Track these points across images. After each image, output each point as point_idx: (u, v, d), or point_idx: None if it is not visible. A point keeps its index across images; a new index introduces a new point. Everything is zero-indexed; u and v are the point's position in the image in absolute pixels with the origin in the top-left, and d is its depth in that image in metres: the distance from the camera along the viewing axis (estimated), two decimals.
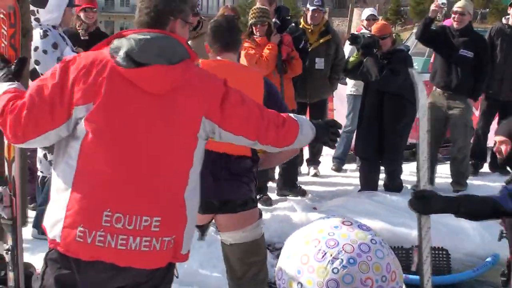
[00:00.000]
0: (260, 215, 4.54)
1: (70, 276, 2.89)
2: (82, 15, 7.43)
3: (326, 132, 3.58)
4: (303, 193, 7.87)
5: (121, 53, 2.85)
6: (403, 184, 8.07)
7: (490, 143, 9.35)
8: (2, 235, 4.00)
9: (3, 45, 3.42)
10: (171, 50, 2.96)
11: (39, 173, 6.05)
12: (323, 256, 4.33)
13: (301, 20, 8.35)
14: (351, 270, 4.70)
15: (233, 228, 4.39)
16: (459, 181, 8.17)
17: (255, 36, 7.32)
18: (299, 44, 7.54)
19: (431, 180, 8.02)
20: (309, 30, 8.04)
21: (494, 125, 9.20)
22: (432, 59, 10.80)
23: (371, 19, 9.11)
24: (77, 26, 7.41)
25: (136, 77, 2.86)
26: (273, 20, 7.54)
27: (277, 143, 3.30)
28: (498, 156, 4.40)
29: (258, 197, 7.12)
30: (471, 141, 8.79)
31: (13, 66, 3.36)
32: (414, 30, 25.56)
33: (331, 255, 4.64)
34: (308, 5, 8.19)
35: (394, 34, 8.58)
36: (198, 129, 3.02)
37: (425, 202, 3.83)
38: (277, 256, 5.44)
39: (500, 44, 8.69)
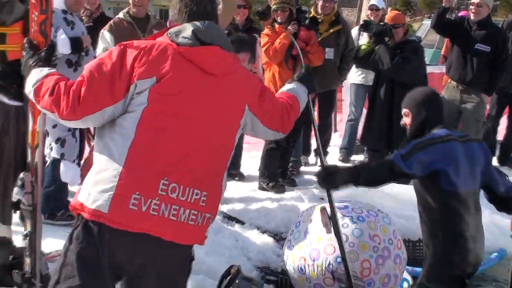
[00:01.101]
0: None
1: (93, 251, 2.87)
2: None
3: (311, 82, 3.97)
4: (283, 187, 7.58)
5: (186, 34, 2.97)
6: None
7: (499, 136, 9.25)
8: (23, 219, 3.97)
9: (33, 30, 3.43)
10: (226, 39, 3.17)
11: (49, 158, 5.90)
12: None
13: (312, 10, 8.22)
14: (360, 225, 4.82)
15: None
16: None
17: (275, 23, 7.33)
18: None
19: None
20: (319, 20, 7.88)
21: (504, 120, 9.11)
22: (442, 51, 10.68)
23: (374, 8, 8.93)
24: (81, 12, 7.30)
25: (199, 55, 2.97)
26: None
27: (292, 125, 3.54)
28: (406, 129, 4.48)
29: (270, 184, 7.11)
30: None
31: (43, 53, 3.34)
32: (424, 22, 25.49)
33: (341, 214, 4.75)
34: None
35: (406, 25, 8.35)
36: (242, 115, 3.18)
37: (329, 178, 4.10)
38: (283, 246, 5.40)
39: None
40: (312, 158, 9.00)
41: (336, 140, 9.59)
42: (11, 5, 4.31)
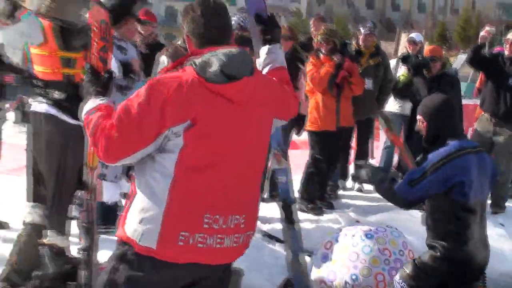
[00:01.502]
0: None
1: (142, 277, 2.93)
2: (138, 26, 7.35)
3: (277, 31, 3.95)
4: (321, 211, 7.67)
5: (213, 69, 2.86)
6: None
7: None
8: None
9: (93, 55, 3.44)
10: (250, 62, 3.06)
11: None
12: (344, 237, 4.70)
13: (353, 42, 8.42)
14: (369, 242, 4.99)
15: None
16: (498, 203, 8.12)
17: (320, 53, 7.54)
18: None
19: None
20: (361, 52, 8.11)
21: None
22: (477, 84, 10.74)
23: (412, 42, 9.05)
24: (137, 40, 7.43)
25: (228, 90, 2.90)
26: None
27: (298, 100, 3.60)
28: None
29: (309, 206, 7.26)
30: None
31: (102, 79, 3.34)
32: (459, 55, 25.52)
33: (352, 235, 4.97)
34: (361, 28, 8.31)
35: (444, 58, 8.59)
36: (271, 129, 3.22)
37: (375, 173, 4.46)
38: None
39: None
40: (349, 183, 9.09)
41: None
42: (85, 33, 4.39)
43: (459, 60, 22.20)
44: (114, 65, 5.64)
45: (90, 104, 3.11)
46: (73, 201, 4.13)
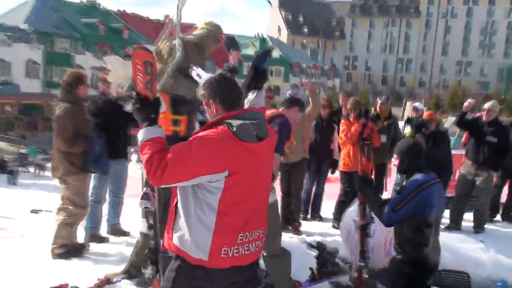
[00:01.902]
0: (274, 189, 4.75)
1: (202, 283, 2.91)
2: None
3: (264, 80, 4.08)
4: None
5: (249, 133, 2.83)
6: None
7: (502, 199, 9.06)
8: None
9: (139, 87, 3.15)
10: (266, 123, 3.04)
11: None
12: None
13: (372, 108, 8.36)
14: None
15: None
16: (479, 226, 7.85)
17: (350, 117, 7.53)
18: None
19: (458, 223, 7.83)
20: (378, 116, 8.10)
21: (505, 189, 8.92)
22: (463, 139, 10.54)
23: (415, 109, 9.17)
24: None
25: (257, 147, 2.89)
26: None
27: None
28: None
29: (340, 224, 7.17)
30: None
31: (150, 109, 2.96)
32: (449, 118, 25.08)
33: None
34: (378, 99, 8.28)
35: (438, 120, 8.61)
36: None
37: (364, 187, 4.46)
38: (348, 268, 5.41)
39: None
40: None
41: (385, 196, 9.53)
42: (192, 103, 4.53)
43: (449, 121, 21.81)
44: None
45: (145, 133, 2.87)
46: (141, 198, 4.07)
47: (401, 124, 9.04)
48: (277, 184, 6.96)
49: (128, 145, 6.66)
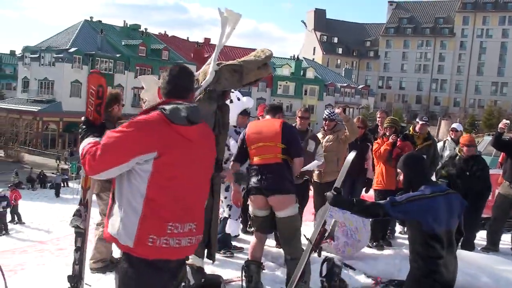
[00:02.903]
0: (296, 201, 4.82)
1: (130, 273, 2.87)
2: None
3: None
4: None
5: (180, 115, 2.84)
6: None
7: None
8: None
9: (89, 109, 3.30)
10: (200, 114, 3.00)
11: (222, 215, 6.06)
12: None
13: (411, 128, 8.12)
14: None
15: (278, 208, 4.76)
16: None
17: (385, 136, 7.43)
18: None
19: (496, 244, 7.54)
20: (417, 137, 7.86)
21: None
22: (500, 159, 10.23)
23: (453, 129, 8.95)
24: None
25: (189, 132, 2.88)
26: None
27: None
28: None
29: (374, 243, 6.97)
30: None
31: (96, 128, 3.17)
32: (485, 137, 24.47)
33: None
34: (418, 120, 8.03)
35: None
36: (213, 161, 3.19)
37: (336, 200, 4.10)
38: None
39: None
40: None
41: None
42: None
43: (485, 141, 21.31)
44: (233, 144, 5.76)
45: (87, 140, 2.97)
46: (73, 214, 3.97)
47: (440, 145, 8.84)
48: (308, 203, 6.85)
49: None
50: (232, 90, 4.70)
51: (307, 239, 4.43)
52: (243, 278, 4.96)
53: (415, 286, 4.10)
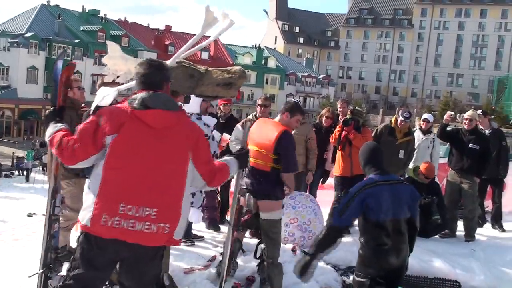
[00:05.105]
0: (283, 206, 4.94)
1: (89, 251, 2.99)
2: (221, 107, 7.68)
3: (244, 159, 3.85)
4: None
5: (138, 100, 2.99)
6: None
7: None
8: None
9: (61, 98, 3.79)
10: (170, 103, 3.10)
11: None
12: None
13: (392, 120, 8.11)
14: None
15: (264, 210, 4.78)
16: (470, 234, 7.79)
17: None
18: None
19: (454, 231, 7.78)
20: (398, 130, 7.89)
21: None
22: None
23: (425, 120, 8.85)
24: (219, 113, 7.57)
25: (145, 116, 2.97)
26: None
27: (218, 183, 3.42)
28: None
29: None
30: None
31: (57, 112, 3.59)
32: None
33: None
34: (400, 115, 7.96)
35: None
36: (187, 154, 3.12)
37: (303, 272, 4.11)
38: (340, 275, 5.33)
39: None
40: None
41: None
42: None
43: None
44: (217, 136, 5.75)
45: (52, 127, 3.19)
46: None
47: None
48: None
49: None
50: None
51: (227, 221, 4.50)
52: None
53: (362, 270, 4.20)
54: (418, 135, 8.75)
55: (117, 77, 4.11)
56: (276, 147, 4.63)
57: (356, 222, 4.29)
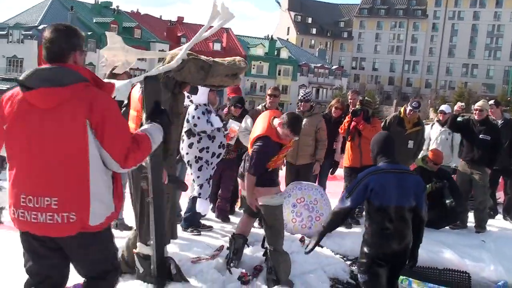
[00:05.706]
0: (277, 192, 5.00)
1: (29, 243, 2.92)
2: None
3: (164, 118, 3.34)
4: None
5: (19, 80, 2.78)
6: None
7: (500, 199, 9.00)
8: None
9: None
10: (59, 76, 2.71)
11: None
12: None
13: (401, 110, 8.09)
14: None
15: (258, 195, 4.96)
16: (480, 225, 7.73)
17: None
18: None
19: (464, 222, 7.72)
20: (407, 121, 7.87)
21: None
22: None
23: (442, 112, 8.97)
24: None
25: (29, 97, 2.72)
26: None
27: (135, 162, 2.91)
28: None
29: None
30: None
31: None
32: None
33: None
34: (408, 105, 7.96)
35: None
36: (86, 130, 2.73)
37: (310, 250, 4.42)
38: (349, 265, 5.32)
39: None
40: None
41: None
42: None
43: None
44: (217, 121, 5.68)
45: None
46: None
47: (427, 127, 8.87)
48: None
49: None
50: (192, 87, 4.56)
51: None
52: (231, 249, 5.13)
53: (364, 252, 4.34)
54: (436, 127, 8.78)
55: (115, 67, 4.09)
56: (252, 146, 4.91)
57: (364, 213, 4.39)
